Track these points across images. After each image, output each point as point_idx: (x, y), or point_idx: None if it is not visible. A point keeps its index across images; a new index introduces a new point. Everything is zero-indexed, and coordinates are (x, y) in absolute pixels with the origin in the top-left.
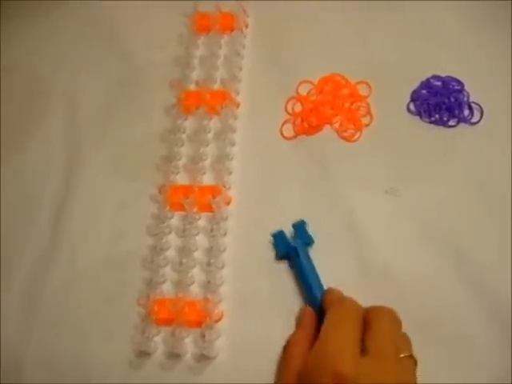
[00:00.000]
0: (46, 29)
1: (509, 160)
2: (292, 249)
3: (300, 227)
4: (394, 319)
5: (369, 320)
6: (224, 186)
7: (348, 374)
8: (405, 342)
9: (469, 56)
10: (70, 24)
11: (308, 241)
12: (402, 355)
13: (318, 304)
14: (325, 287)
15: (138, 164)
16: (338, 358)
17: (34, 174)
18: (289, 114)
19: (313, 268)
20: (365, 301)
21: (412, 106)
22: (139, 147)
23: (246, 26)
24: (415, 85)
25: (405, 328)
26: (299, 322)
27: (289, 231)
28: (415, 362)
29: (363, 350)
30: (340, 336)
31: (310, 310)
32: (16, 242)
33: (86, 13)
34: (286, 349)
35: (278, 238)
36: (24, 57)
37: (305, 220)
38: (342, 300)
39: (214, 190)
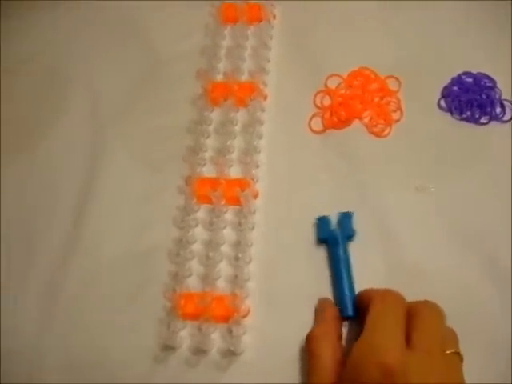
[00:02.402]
0: (68, 20)
1: None
2: (333, 237)
3: (346, 218)
4: (439, 314)
5: (413, 313)
6: (252, 179)
7: (395, 365)
8: (451, 337)
9: (501, 53)
10: (93, 15)
11: (351, 234)
12: (448, 351)
13: (345, 297)
14: (355, 284)
15: (163, 156)
16: (385, 349)
17: (56, 167)
18: (317, 107)
19: (348, 261)
20: None
21: (443, 103)
22: (164, 139)
23: (274, 17)
24: (446, 81)
25: None
26: (321, 314)
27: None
28: (461, 359)
29: (408, 343)
30: (386, 327)
31: (330, 302)
32: (38, 234)
33: (109, 3)
34: (312, 344)
35: (323, 222)
36: (45, 48)
37: (352, 212)
38: (387, 291)
39: (242, 183)
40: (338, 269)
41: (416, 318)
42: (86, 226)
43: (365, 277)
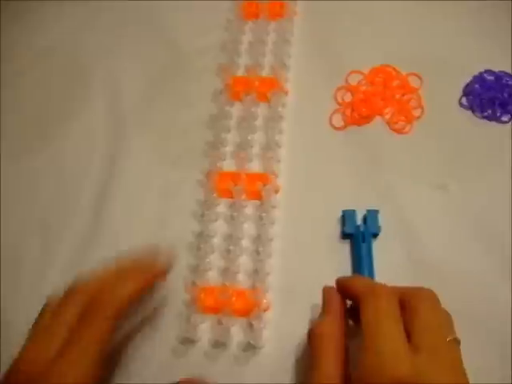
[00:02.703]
0: (87, 12)
1: None
2: (359, 232)
3: (372, 216)
4: (434, 301)
5: (407, 306)
6: (273, 174)
7: (408, 376)
8: (447, 323)
9: None
10: (112, 7)
11: (376, 231)
12: (448, 339)
13: None
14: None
15: (183, 150)
16: (395, 359)
17: (76, 161)
18: (338, 103)
19: (371, 259)
20: None
21: (464, 101)
22: (184, 133)
23: (295, 14)
24: (467, 79)
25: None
26: (327, 307)
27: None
28: (459, 343)
29: (410, 341)
30: (388, 331)
31: (334, 291)
32: (58, 228)
33: None
34: (316, 343)
35: (349, 216)
36: (64, 41)
37: (377, 210)
38: (374, 289)
39: (262, 178)
40: (361, 266)
41: (411, 312)
42: (105, 220)
43: (384, 273)
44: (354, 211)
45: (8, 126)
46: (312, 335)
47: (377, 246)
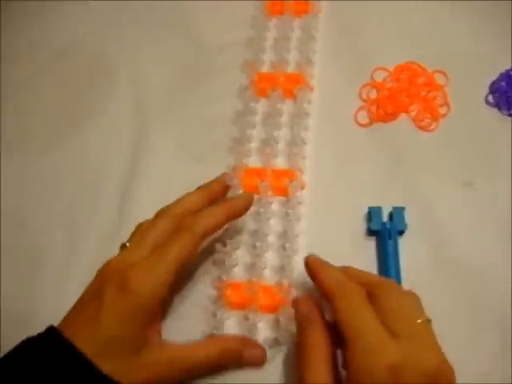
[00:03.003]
0: (112, 8)
1: None
2: (385, 229)
3: (399, 212)
4: (397, 287)
5: (375, 295)
6: (299, 170)
7: (397, 360)
8: (416, 305)
9: None
10: (137, 4)
11: (403, 228)
12: (419, 321)
13: None
14: (403, 280)
15: (208, 146)
16: (381, 350)
17: (100, 157)
18: (363, 100)
19: (398, 256)
20: (440, 297)
21: (490, 98)
22: (209, 129)
23: (319, 11)
24: (494, 76)
25: (479, 326)
26: (309, 316)
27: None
28: (430, 321)
29: (385, 330)
30: (367, 327)
31: (311, 302)
32: (82, 224)
33: None
34: (306, 353)
35: (375, 213)
36: (88, 38)
37: (404, 207)
38: (345, 286)
39: (288, 174)
40: (387, 263)
41: (380, 301)
42: (129, 215)
43: (412, 272)
44: (380, 208)
45: (33, 122)
46: (301, 347)
47: (402, 243)
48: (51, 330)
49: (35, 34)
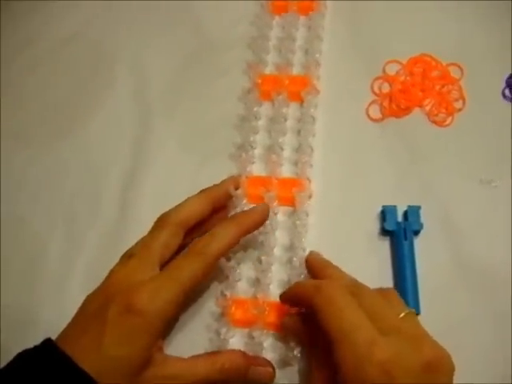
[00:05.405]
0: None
1: None
2: (401, 229)
3: (414, 211)
4: (376, 288)
5: (358, 297)
6: (307, 179)
7: (389, 356)
8: (395, 301)
9: None
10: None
11: (418, 228)
12: (401, 315)
13: (408, 295)
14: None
15: (210, 148)
16: (371, 347)
17: (101, 150)
18: (375, 94)
19: (413, 257)
20: (459, 298)
21: (507, 92)
22: (210, 132)
23: (325, 7)
24: (510, 69)
25: (501, 330)
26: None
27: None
28: (414, 313)
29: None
30: (353, 323)
31: (297, 323)
32: (84, 219)
33: None
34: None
35: (389, 212)
36: (89, 29)
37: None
38: (321, 284)
39: (295, 184)
40: (403, 265)
41: (361, 300)
42: (132, 211)
43: (429, 273)
44: (394, 207)
45: (33, 115)
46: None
47: (418, 243)
48: (49, 345)
49: (36, 24)
